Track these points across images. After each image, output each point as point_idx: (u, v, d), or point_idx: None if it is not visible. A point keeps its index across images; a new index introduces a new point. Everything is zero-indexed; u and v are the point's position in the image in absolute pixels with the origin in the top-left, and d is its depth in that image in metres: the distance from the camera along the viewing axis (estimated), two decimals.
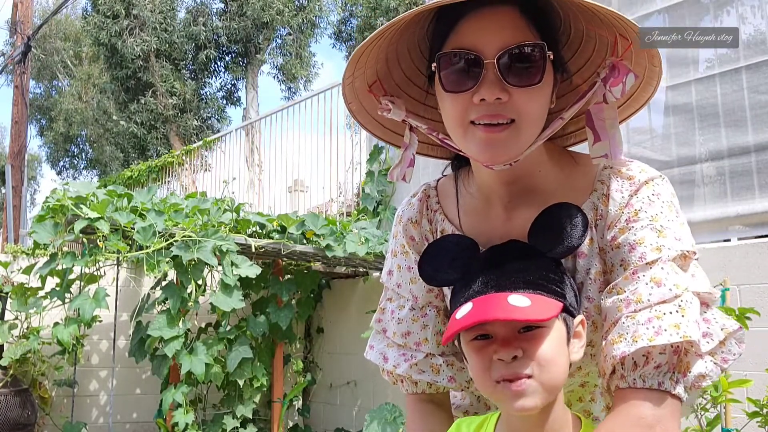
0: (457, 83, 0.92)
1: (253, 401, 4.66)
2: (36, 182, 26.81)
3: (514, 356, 0.84)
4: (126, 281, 5.25)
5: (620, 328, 0.89)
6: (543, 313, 0.83)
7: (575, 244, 0.92)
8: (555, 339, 0.86)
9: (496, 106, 0.90)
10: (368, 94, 1.04)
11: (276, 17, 15.00)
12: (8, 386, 4.39)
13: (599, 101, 0.98)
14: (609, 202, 0.98)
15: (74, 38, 21.05)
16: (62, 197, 3.88)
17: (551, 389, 0.86)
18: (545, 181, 1.03)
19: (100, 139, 19.22)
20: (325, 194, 6.76)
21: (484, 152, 0.93)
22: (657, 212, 0.95)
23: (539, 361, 0.85)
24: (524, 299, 0.84)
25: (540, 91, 0.92)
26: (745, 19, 3.53)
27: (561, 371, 0.87)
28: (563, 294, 0.89)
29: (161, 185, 9.18)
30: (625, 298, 0.90)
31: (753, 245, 3.08)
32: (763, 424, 2.24)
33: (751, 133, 3.38)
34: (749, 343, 2.89)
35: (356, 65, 0.98)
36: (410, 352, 1.11)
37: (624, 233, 0.95)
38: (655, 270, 0.90)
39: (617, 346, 0.88)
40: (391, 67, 1.05)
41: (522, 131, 0.92)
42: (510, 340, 0.85)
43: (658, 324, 0.87)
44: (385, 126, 1.12)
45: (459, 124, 0.94)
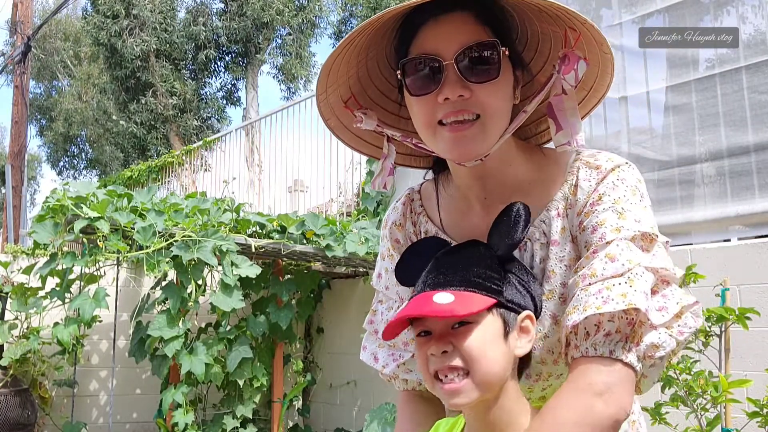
0: (421, 86, 0.98)
1: (253, 401, 4.66)
2: (36, 182, 26.82)
3: (443, 351, 0.89)
4: (126, 281, 5.25)
5: (575, 301, 0.93)
6: (464, 308, 0.87)
7: (515, 242, 0.96)
8: (486, 333, 0.89)
9: (459, 103, 0.96)
10: (345, 109, 1.10)
11: (276, 17, 15.00)
12: (8, 386, 4.39)
13: (558, 93, 1.03)
14: (578, 191, 1.03)
15: (74, 38, 21.05)
16: (62, 197, 3.88)
17: (485, 383, 0.89)
18: (518, 175, 1.07)
19: (100, 139, 19.23)
20: (325, 194, 6.76)
21: (453, 150, 0.99)
22: (620, 196, 0.99)
23: (468, 355, 0.88)
24: (448, 296, 0.88)
25: (499, 85, 0.98)
26: (745, 19, 3.53)
27: (494, 364, 0.89)
28: (500, 291, 0.92)
29: (161, 185, 9.18)
30: (581, 274, 0.95)
31: (753, 245, 3.08)
32: (763, 424, 2.24)
33: (751, 133, 3.38)
34: (749, 343, 2.90)
35: (327, 80, 1.04)
36: (398, 352, 1.15)
37: (588, 216, 0.99)
38: (611, 247, 0.94)
39: (570, 317, 0.92)
40: (364, 85, 1.11)
41: (487, 126, 0.97)
42: (443, 335, 0.90)
43: (606, 294, 0.90)
44: (366, 140, 1.18)
45: (427, 126, 1.00)
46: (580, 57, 1.00)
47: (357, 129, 1.13)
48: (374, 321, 1.21)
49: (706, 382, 2.26)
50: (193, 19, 15.74)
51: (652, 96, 3.79)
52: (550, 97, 1.04)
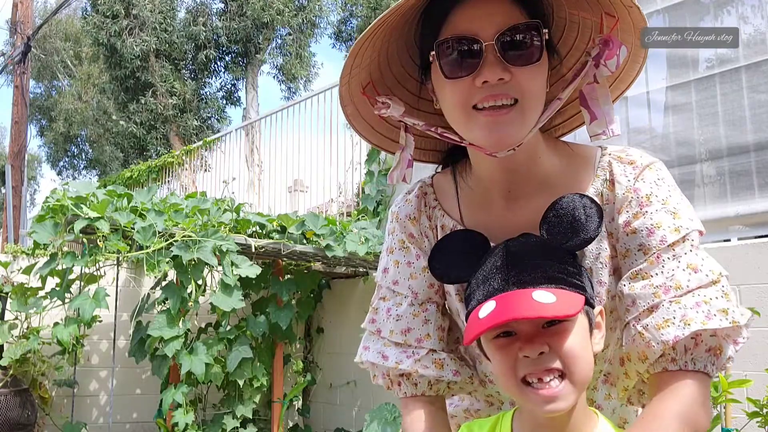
0: (458, 69, 0.93)
1: (253, 401, 4.66)
2: (36, 182, 26.82)
3: (540, 352, 0.82)
4: (126, 281, 5.25)
5: (665, 313, 0.90)
6: (569, 308, 0.81)
7: (592, 236, 0.92)
8: (580, 333, 0.85)
9: (498, 87, 0.91)
10: (362, 96, 1.05)
11: (276, 17, 15.00)
12: (8, 386, 4.39)
13: (590, 82, 1.00)
14: (615, 187, 1.00)
15: (74, 38, 21.05)
16: (62, 197, 3.88)
17: (581, 386, 0.84)
18: (545, 169, 1.04)
19: (100, 139, 19.22)
20: (325, 194, 6.76)
21: (490, 136, 0.93)
22: (666, 195, 0.98)
23: (567, 356, 0.83)
24: (549, 295, 0.82)
25: (540, 69, 0.94)
26: (745, 19, 3.53)
27: (589, 365, 0.85)
28: (583, 286, 0.88)
29: (161, 185, 9.18)
30: (661, 284, 0.92)
31: (753, 245, 3.08)
32: (763, 424, 2.24)
33: (751, 133, 3.38)
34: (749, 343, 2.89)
35: (353, 63, 0.99)
36: (411, 349, 1.08)
37: (639, 218, 0.96)
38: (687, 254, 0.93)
39: (666, 330, 0.89)
40: (383, 71, 1.06)
41: (526, 111, 0.93)
42: (534, 336, 0.83)
43: (707, 308, 0.89)
44: (378, 131, 1.12)
45: (462, 111, 0.95)
46: (622, 42, 0.96)
47: (372, 119, 1.09)
48: (376, 320, 1.14)
49: None
50: (193, 19, 15.74)
51: (652, 96, 3.79)
52: (582, 86, 1.01)
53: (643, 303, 0.93)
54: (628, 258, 0.97)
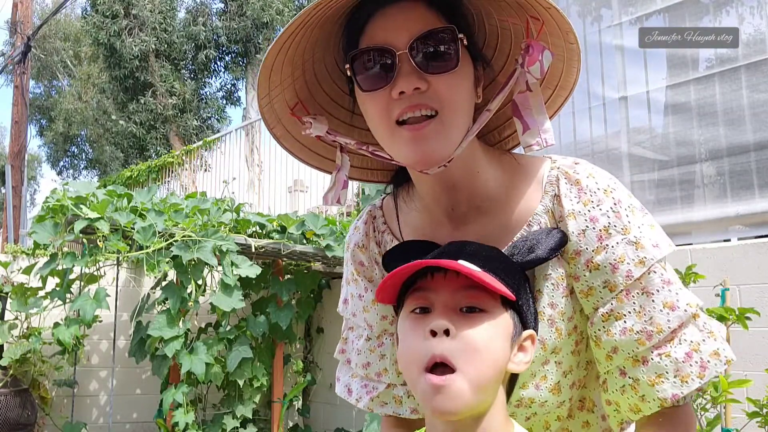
0: (373, 81, 0.89)
1: (253, 401, 4.66)
2: (36, 182, 26.82)
3: (446, 329, 0.77)
4: (126, 281, 5.25)
5: (656, 368, 0.88)
6: (489, 280, 0.77)
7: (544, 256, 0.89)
8: (495, 329, 0.79)
9: (416, 97, 0.87)
10: (291, 116, 1.00)
11: (276, 17, 15.01)
12: (8, 386, 4.39)
13: (523, 90, 0.95)
14: (563, 202, 0.95)
15: (74, 38, 21.06)
16: (62, 197, 3.88)
17: (476, 386, 0.76)
18: (488, 184, 0.99)
19: (99, 139, 19.23)
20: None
21: (413, 152, 0.89)
22: (626, 223, 0.92)
23: (472, 345, 0.76)
24: (474, 266, 0.78)
25: (458, 77, 0.89)
26: (744, 19, 3.53)
27: (492, 365, 0.78)
28: (518, 292, 0.83)
29: (161, 185, 9.19)
30: (642, 330, 0.89)
31: (753, 245, 3.08)
32: (763, 424, 2.24)
33: (751, 133, 3.38)
34: (749, 343, 2.90)
35: (269, 82, 0.95)
36: (372, 383, 1.06)
37: (600, 253, 0.91)
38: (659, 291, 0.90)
39: (662, 387, 0.88)
40: (313, 91, 1.02)
41: (447, 122, 0.88)
42: (449, 314, 0.78)
43: (698, 357, 0.88)
44: (316, 152, 1.08)
45: (384, 125, 0.90)
46: (545, 47, 0.92)
47: (307, 140, 1.03)
48: (345, 350, 1.11)
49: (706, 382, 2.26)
50: (192, 19, 15.75)
51: (652, 96, 3.80)
52: (514, 95, 0.96)
53: (625, 352, 0.90)
54: (592, 296, 0.92)
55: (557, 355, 0.95)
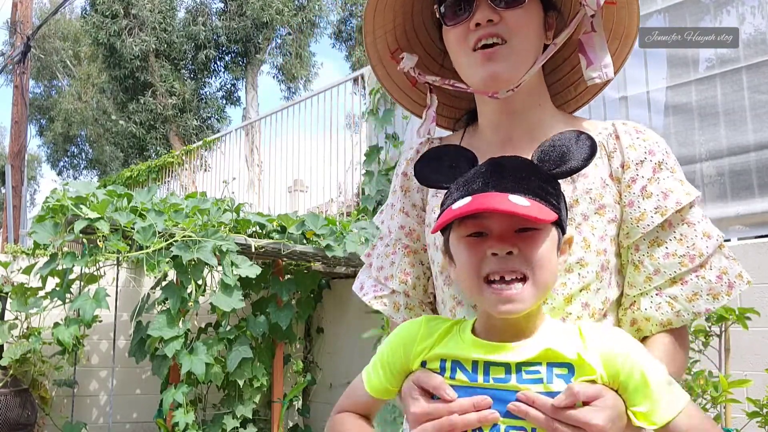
0: (455, 15, 1.07)
1: (253, 401, 4.66)
2: (36, 182, 26.82)
3: (508, 251, 0.84)
4: (126, 281, 5.25)
5: (693, 287, 1.03)
6: (542, 214, 0.83)
7: (579, 166, 0.93)
8: (549, 243, 0.87)
9: (489, 27, 1.03)
10: (391, 60, 1.19)
11: (276, 17, 15.01)
12: (8, 386, 4.39)
13: (588, 30, 1.09)
14: (620, 139, 1.08)
15: (73, 38, 21.05)
16: (62, 197, 3.88)
17: (541, 293, 0.86)
18: (545, 118, 1.12)
19: (99, 139, 19.23)
20: (325, 194, 6.76)
21: (484, 71, 1.04)
22: (673, 165, 1.07)
23: (534, 261, 0.85)
24: (524, 200, 0.84)
25: (526, 12, 1.04)
26: (744, 19, 3.53)
27: (553, 275, 0.88)
28: (558, 208, 0.89)
29: (161, 185, 9.18)
30: (685, 254, 1.03)
31: (753, 245, 3.08)
32: (763, 424, 2.24)
33: (751, 133, 3.38)
34: (749, 343, 2.90)
35: (374, 21, 1.13)
36: (380, 285, 1.19)
37: (653, 183, 1.05)
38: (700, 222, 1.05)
39: (697, 303, 1.03)
40: (411, 41, 1.20)
41: (516, 49, 1.04)
42: (506, 236, 0.85)
43: (727, 279, 1.04)
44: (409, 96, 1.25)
45: (462, 51, 1.07)
46: None
47: (403, 85, 1.22)
48: (371, 254, 1.25)
49: (706, 382, 2.26)
50: (192, 19, 15.74)
51: (652, 96, 3.80)
52: (580, 35, 1.10)
53: (668, 272, 1.03)
54: (643, 221, 1.04)
55: (582, 269, 1.03)
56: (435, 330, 0.93)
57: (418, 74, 1.18)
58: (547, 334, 0.88)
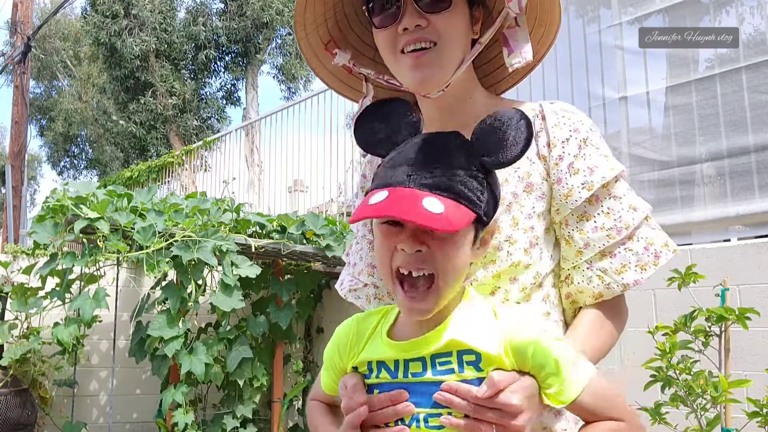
0: (383, 20, 1.09)
1: (253, 401, 4.65)
2: (36, 182, 26.82)
3: (417, 250, 0.85)
4: (126, 281, 5.25)
5: (621, 259, 1.07)
6: (453, 223, 0.81)
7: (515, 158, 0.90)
8: (461, 243, 0.87)
9: (417, 32, 1.06)
10: (325, 52, 1.21)
11: (276, 17, 15.00)
12: (8, 386, 4.39)
13: (512, 26, 1.12)
14: (546, 117, 1.11)
15: (74, 38, 21.05)
16: (62, 197, 3.88)
17: (450, 290, 0.88)
18: (476, 108, 1.15)
19: (100, 139, 19.23)
20: (325, 194, 6.76)
21: (414, 76, 1.08)
22: (597, 141, 1.11)
23: (442, 260, 0.85)
24: (439, 204, 0.82)
25: (453, 15, 1.07)
26: (744, 19, 3.53)
27: (459, 276, 0.88)
28: (480, 203, 0.87)
29: (161, 185, 9.19)
30: (612, 227, 1.07)
31: (753, 245, 3.08)
32: (763, 424, 2.24)
33: (751, 133, 3.38)
34: (749, 343, 2.90)
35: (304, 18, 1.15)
36: (355, 279, 1.27)
37: (579, 160, 1.09)
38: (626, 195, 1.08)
39: (626, 275, 1.06)
40: (344, 31, 1.22)
41: (443, 52, 1.07)
42: (417, 234, 0.85)
43: (653, 249, 1.07)
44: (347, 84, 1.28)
45: (391, 55, 1.10)
46: None
47: (340, 73, 1.24)
48: (349, 253, 1.32)
49: (706, 382, 2.26)
50: (192, 19, 15.74)
51: (652, 96, 3.79)
52: (504, 30, 1.12)
53: (597, 245, 1.07)
54: (571, 197, 1.08)
55: (511, 246, 1.07)
56: (364, 331, 1.00)
57: (353, 65, 1.21)
58: (456, 323, 0.90)
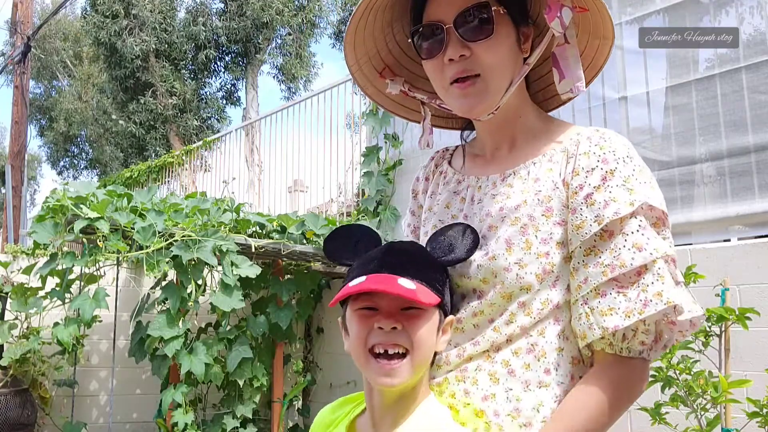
0: (430, 50, 1.10)
1: (253, 401, 4.65)
2: (36, 182, 26.81)
3: (393, 327, 0.95)
4: (126, 281, 5.25)
5: (611, 302, 0.98)
6: (426, 298, 0.96)
7: (463, 258, 1.05)
8: (430, 324, 0.99)
9: (462, 63, 1.06)
10: (380, 79, 1.25)
11: (276, 17, 15.00)
12: (8, 386, 4.39)
13: (561, 43, 1.10)
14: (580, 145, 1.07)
15: (74, 38, 21.05)
16: (62, 197, 3.88)
17: (419, 368, 0.98)
18: (525, 127, 1.15)
19: (100, 139, 19.22)
20: (325, 194, 6.76)
21: (461, 105, 1.10)
22: (629, 174, 1.02)
23: (415, 338, 0.96)
24: (411, 283, 0.96)
25: (496, 42, 1.06)
26: (744, 20, 3.53)
27: (429, 353, 0.99)
28: (442, 291, 1.02)
29: (161, 185, 9.18)
30: (609, 264, 0.98)
31: (753, 245, 3.08)
32: (763, 424, 2.24)
33: (751, 133, 3.38)
34: (749, 343, 2.90)
35: (355, 52, 1.19)
36: None
37: (599, 191, 1.01)
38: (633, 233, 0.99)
39: (609, 318, 0.97)
40: (397, 56, 1.25)
41: (488, 81, 1.07)
42: (392, 313, 0.97)
43: (644, 296, 0.96)
44: (404, 105, 1.32)
45: (440, 85, 1.12)
46: (563, 4, 1.06)
47: (396, 97, 1.28)
48: None
49: (706, 382, 2.26)
50: (192, 19, 15.73)
51: (652, 96, 3.79)
52: (554, 48, 1.10)
53: (592, 282, 0.99)
54: (582, 228, 1.02)
55: (521, 269, 1.03)
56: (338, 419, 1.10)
57: (408, 89, 1.25)
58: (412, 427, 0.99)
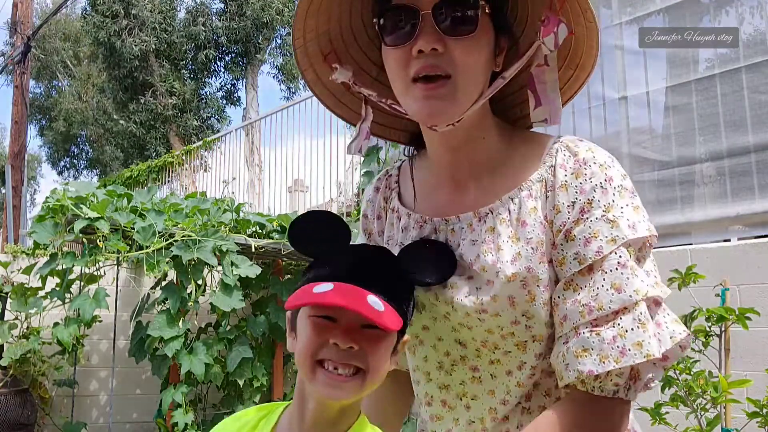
0: (397, 37, 0.94)
1: (253, 401, 4.65)
2: (36, 182, 26.83)
3: (350, 347, 0.87)
4: (126, 281, 5.25)
5: (584, 342, 0.90)
6: (392, 323, 0.86)
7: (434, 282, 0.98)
8: (388, 346, 0.91)
9: (432, 57, 0.92)
10: (323, 64, 1.06)
11: (276, 17, 15.01)
12: (8, 386, 4.39)
13: (541, 63, 0.97)
14: (557, 173, 0.97)
15: (74, 38, 21.05)
16: (62, 197, 3.88)
17: (369, 388, 0.90)
18: (490, 150, 1.02)
19: (100, 139, 19.23)
20: (325, 194, 6.76)
21: (422, 109, 0.94)
22: (609, 201, 0.93)
23: (372, 360, 0.88)
24: (380, 303, 0.87)
25: (476, 43, 0.93)
26: (744, 20, 3.53)
27: (383, 375, 0.91)
28: (407, 312, 0.94)
29: (161, 185, 9.19)
30: (586, 304, 0.90)
31: (753, 245, 3.08)
32: (763, 424, 2.24)
33: (751, 133, 3.38)
34: (749, 343, 2.90)
35: (304, 25, 1.00)
36: None
37: (579, 225, 0.93)
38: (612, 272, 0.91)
39: (583, 360, 0.89)
40: (347, 42, 1.08)
41: (459, 86, 0.93)
42: (352, 331, 0.87)
43: (622, 343, 0.88)
44: (343, 102, 1.13)
45: (401, 79, 0.95)
46: (561, 20, 0.94)
47: (336, 89, 1.10)
48: None
49: (706, 382, 2.26)
50: (192, 19, 15.74)
51: (652, 96, 3.80)
52: (532, 68, 0.98)
53: (572, 321, 0.92)
54: (564, 265, 0.94)
55: (529, 320, 0.96)
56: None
57: (353, 83, 1.06)
58: None
